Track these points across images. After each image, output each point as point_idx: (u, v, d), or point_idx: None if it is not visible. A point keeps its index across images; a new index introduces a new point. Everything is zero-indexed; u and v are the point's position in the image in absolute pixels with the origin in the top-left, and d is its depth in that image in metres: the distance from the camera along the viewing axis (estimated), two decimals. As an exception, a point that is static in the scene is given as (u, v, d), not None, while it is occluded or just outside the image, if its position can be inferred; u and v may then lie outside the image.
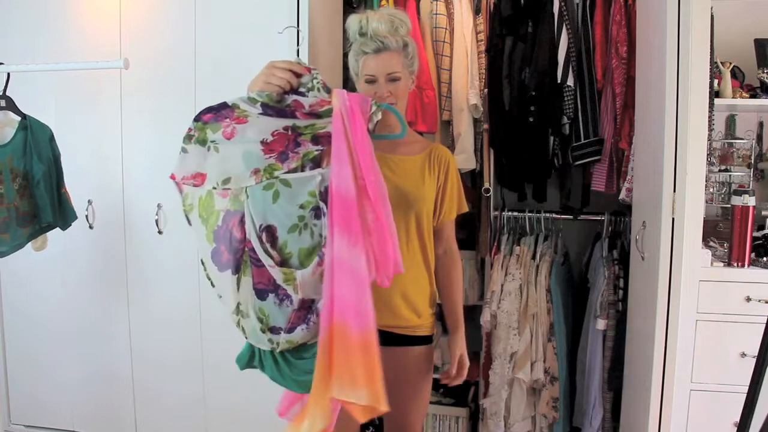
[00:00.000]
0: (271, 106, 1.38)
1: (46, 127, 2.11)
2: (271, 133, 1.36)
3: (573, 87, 2.53)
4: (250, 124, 1.36)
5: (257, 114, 1.37)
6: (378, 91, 1.63)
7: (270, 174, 1.34)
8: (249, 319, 1.41)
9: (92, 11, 2.41)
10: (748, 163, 2.54)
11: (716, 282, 1.99)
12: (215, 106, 1.37)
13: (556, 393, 2.48)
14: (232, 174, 1.35)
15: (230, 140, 1.35)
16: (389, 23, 1.62)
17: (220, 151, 1.35)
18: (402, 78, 1.65)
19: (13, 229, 1.99)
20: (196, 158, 1.36)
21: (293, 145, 1.36)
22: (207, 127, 1.36)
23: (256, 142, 1.35)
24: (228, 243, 1.36)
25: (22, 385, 2.67)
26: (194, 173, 1.36)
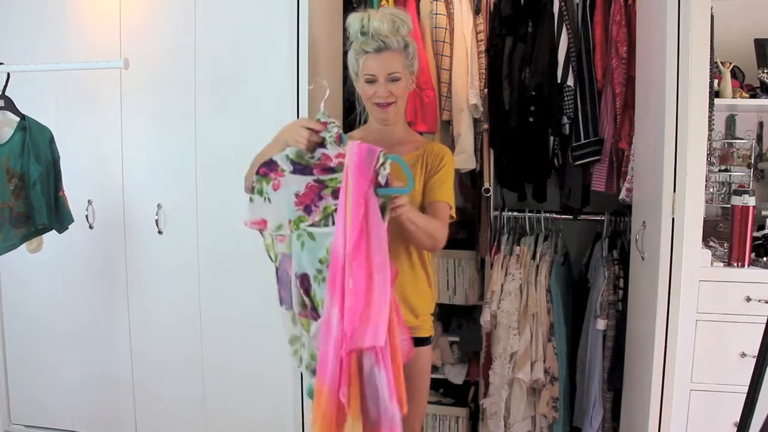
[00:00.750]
0: (296, 163, 1.53)
1: (46, 129, 2.10)
2: (306, 185, 1.52)
3: (573, 87, 2.53)
4: (287, 179, 1.52)
5: (289, 172, 1.52)
6: (378, 91, 1.63)
7: (297, 225, 1.51)
8: (306, 350, 1.59)
9: (92, 11, 2.41)
10: (748, 163, 2.54)
11: (716, 282, 1.99)
12: (267, 161, 1.54)
13: (556, 393, 2.48)
14: (282, 221, 1.53)
15: (277, 192, 1.52)
16: (391, 23, 1.61)
17: (272, 201, 1.54)
18: (402, 78, 1.64)
19: (6, 229, 1.99)
20: (259, 206, 1.54)
21: (317, 199, 1.51)
22: (263, 179, 1.53)
23: (292, 195, 1.52)
24: (284, 281, 1.57)
25: (22, 386, 2.66)
26: (259, 219, 1.55)
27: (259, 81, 2.27)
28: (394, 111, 1.67)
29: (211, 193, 2.35)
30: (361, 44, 1.63)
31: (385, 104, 1.64)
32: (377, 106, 1.65)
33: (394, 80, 1.63)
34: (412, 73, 1.70)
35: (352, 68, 1.69)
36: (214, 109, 2.33)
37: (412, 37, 1.71)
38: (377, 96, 1.63)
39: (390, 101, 1.64)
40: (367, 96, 1.65)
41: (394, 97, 1.64)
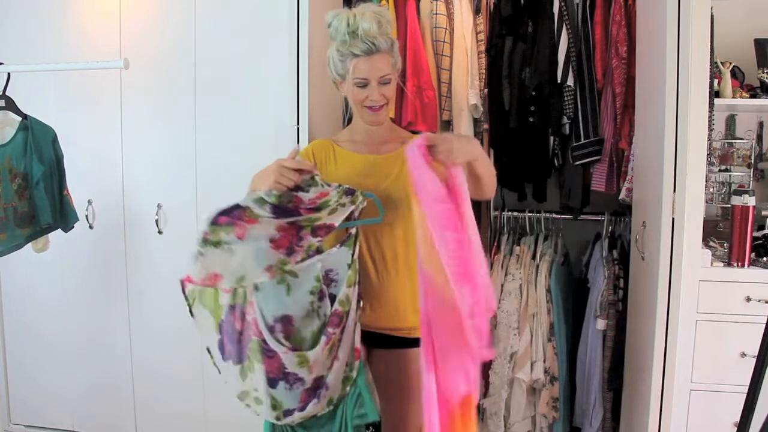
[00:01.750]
0: (278, 207, 1.45)
1: (49, 128, 2.10)
2: (276, 229, 1.45)
3: (573, 87, 2.53)
4: (260, 225, 1.43)
5: (268, 216, 1.44)
6: (371, 95, 1.58)
7: (281, 268, 1.44)
8: (262, 405, 1.49)
9: (92, 11, 2.41)
10: (748, 163, 2.54)
11: (716, 282, 1.99)
12: (228, 209, 1.42)
13: (556, 393, 2.48)
14: (247, 272, 1.43)
15: (242, 240, 1.42)
16: (377, 22, 1.56)
17: (234, 251, 1.42)
18: (392, 79, 1.61)
19: (10, 229, 1.99)
20: (212, 260, 1.42)
21: (297, 240, 1.47)
22: (221, 229, 1.41)
23: (265, 240, 1.44)
24: (230, 335, 1.45)
25: (22, 386, 2.66)
26: (210, 274, 1.43)
27: (259, 81, 2.27)
28: (385, 112, 1.65)
29: (211, 193, 2.34)
30: (349, 46, 1.56)
31: (378, 107, 1.62)
32: (369, 109, 1.61)
33: (385, 83, 1.59)
34: (398, 71, 1.66)
35: (336, 70, 1.62)
36: (214, 109, 2.33)
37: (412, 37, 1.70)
38: (370, 100, 1.59)
39: (382, 104, 1.62)
40: (359, 100, 1.61)
41: (386, 99, 1.61)
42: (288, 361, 1.45)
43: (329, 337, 1.47)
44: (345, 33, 1.56)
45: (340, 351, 1.51)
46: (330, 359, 1.50)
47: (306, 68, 2.15)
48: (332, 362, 1.50)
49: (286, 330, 1.46)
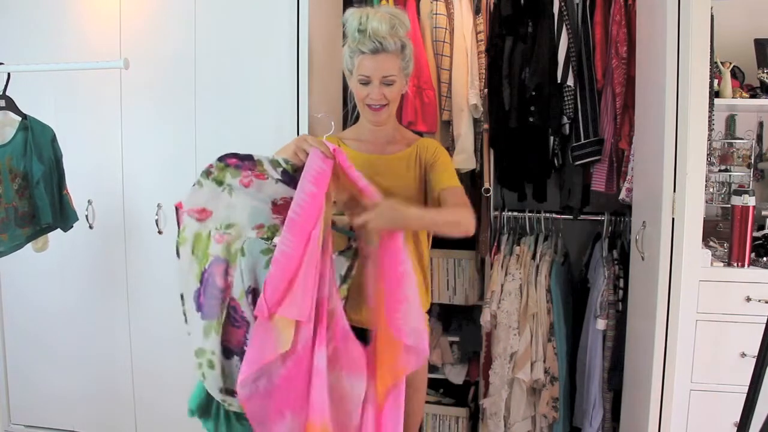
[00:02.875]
0: (290, 175, 1.41)
1: (48, 128, 2.10)
2: (281, 198, 1.41)
3: (573, 87, 2.53)
4: (268, 183, 1.40)
5: (276, 178, 1.41)
6: (371, 93, 1.60)
7: (272, 233, 1.40)
8: (214, 371, 1.42)
9: (92, 12, 2.41)
10: (748, 163, 2.54)
11: (716, 282, 1.99)
12: (241, 155, 1.40)
13: (556, 393, 2.48)
14: (238, 221, 1.39)
15: (246, 189, 1.39)
16: (389, 23, 1.58)
17: (233, 196, 1.39)
18: (397, 81, 1.61)
19: (11, 229, 1.99)
20: (208, 195, 1.39)
21: None
22: (228, 170, 1.39)
23: (267, 201, 1.41)
24: (209, 288, 1.39)
25: (22, 386, 2.66)
26: (201, 208, 1.39)
27: (259, 81, 2.27)
28: (386, 113, 1.65)
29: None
30: (357, 43, 1.59)
31: (378, 107, 1.63)
32: (369, 107, 1.63)
33: (389, 84, 1.60)
34: (408, 75, 1.67)
35: (346, 65, 1.66)
36: (214, 109, 2.33)
37: (410, 37, 1.70)
38: (370, 98, 1.61)
39: (383, 104, 1.62)
40: (360, 97, 1.63)
41: (387, 100, 1.62)
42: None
43: None
44: (356, 30, 1.59)
45: None
46: None
47: (306, 68, 2.15)
48: None
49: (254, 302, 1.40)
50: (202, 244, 1.40)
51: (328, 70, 2.38)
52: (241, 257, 1.39)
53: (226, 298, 1.40)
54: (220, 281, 1.39)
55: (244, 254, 1.40)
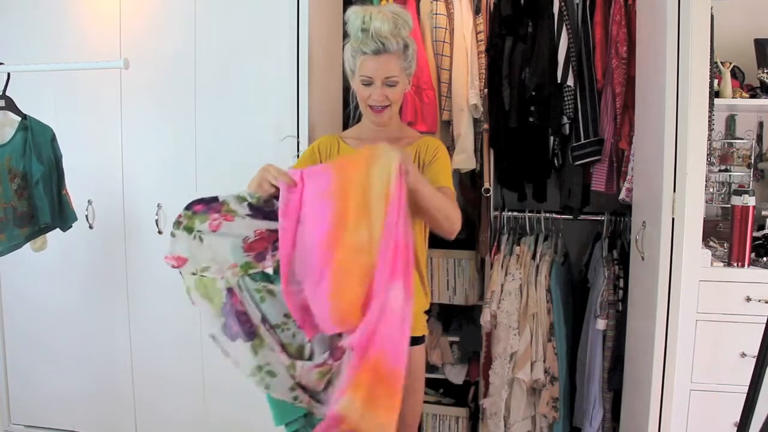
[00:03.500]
0: (257, 208, 1.45)
1: (48, 128, 2.10)
2: (255, 232, 1.45)
3: (573, 87, 2.53)
4: (236, 223, 1.44)
5: (244, 214, 1.44)
6: (373, 94, 1.60)
7: (245, 271, 1.45)
8: (278, 378, 1.47)
9: (92, 12, 2.41)
10: (748, 163, 2.54)
11: (716, 282, 1.99)
12: (207, 199, 1.44)
13: (556, 393, 2.48)
14: (213, 264, 1.44)
15: (215, 233, 1.43)
16: (392, 23, 1.56)
17: (204, 241, 1.43)
18: (399, 82, 1.61)
19: (9, 229, 1.99)
20: (184, 243, 1.44)
21: (272, 248, 1.45)
22: (196, 217, 1.43)
23: (239, 238, 1.44)
24: (234, 316, 1.45)
25: (22, 386, 2.66)
26: (176, 256, 1.44)
27: (259, 81, 2.27)
28: (389, 114, 1.65)
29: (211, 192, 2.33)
30: (360, 44, 1.58)
31: (380, 108, 1.62)
32: (372, 108, 1.63)
33: (391, 85, 1.59)
34: (410, 75, 1.66)
35: (348, 64, 1.65)
36: (214, 109, 2.33)
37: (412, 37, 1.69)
38: (372, 99, 1.60)
39: (385, 105, 1.62)
40: (362, 98, 1.63)
41: (389, 101, 1.61)
42: (282, 359, 1.46)
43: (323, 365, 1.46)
44: (358, 29, 1.57)
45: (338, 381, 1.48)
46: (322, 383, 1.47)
47: (306, 68, 2.15)
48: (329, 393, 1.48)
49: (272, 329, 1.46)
50: (208, 286, 1.45)
51: (328, 70, 2.38)
52: (242, 293, 1.46)
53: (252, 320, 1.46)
54: (239, 307, 1.45)
55: (243, 291, 1.46)
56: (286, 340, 1.49)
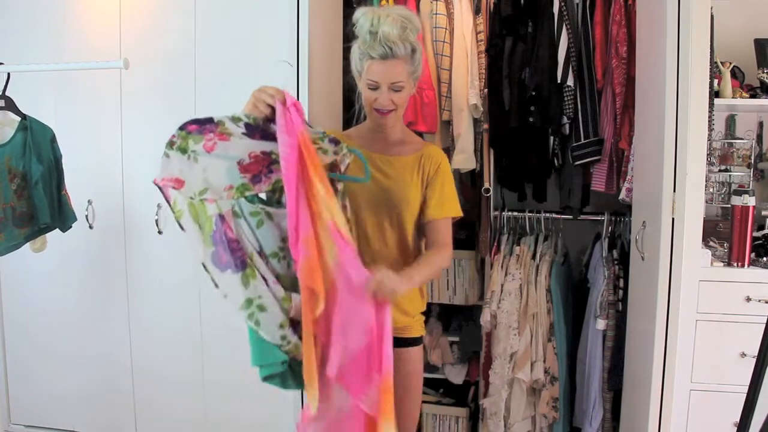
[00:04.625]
0: (254, 128, 1.43)
1: (48, 128, 2.10)
2: (249, 155, 1.43)
3: (573, 87, 2.53)
4: (232, 143, 1.42)
5: (240, 134, 1.42)
6: (379, 99, 1.59)
7: (241, 193, 1.42)
8: (268, 312, 1.44)
9: (92, 12, 2.41)
10: (748, 163, 2.54)
11: (716, 282, 1.99)
12: (201, 119, 1.41)
13: (556, 393, 2.48)
14: (209, 186, 1.41)
15: (210, 153, 1.41)
16: (401, 27, 1.54)
17: (199, 162, 1.40)
18: (405, 87, 1.60)
19: (9, 229, 1.99)
20: (177, 164, 1.41)
21: (267, 171, 1.44)
22: (190, 137, 1.40)
23: (233, 161, 1.42)
24: (224, 244, 1.41)
25: (22, 386, 2.66)
26: (174, 178, 1.41)
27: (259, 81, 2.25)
28: (394, 118, 1.64)
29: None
30: (368, 47, 1.56)
31: (386, 112, 1.62)
32: (377, 112, 1.62)
33: (397, 89, 1.59)
34: (416, 78, 1.65)
35: (355, 66, 1.64)
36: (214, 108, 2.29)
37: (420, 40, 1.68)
38: (378, 103, 1.60)
39: (391, 109, 1.62)
40: (368, 101, 1.62)
41: (395, 105, 1.61)
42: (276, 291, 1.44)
43: None
44: (367, 32, 1.56)
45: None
46: None
47: (306, 68, 2.15)
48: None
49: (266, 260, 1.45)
50: (198, 210, 1.42)
51: (328, 70, 2.38)
52: (237, 219, 1.43)
53: (245, 248, 1.43)
54: (231, 233, 1.42)
55: (239, 216, 1.43)
56: (281, 270, 1.47)
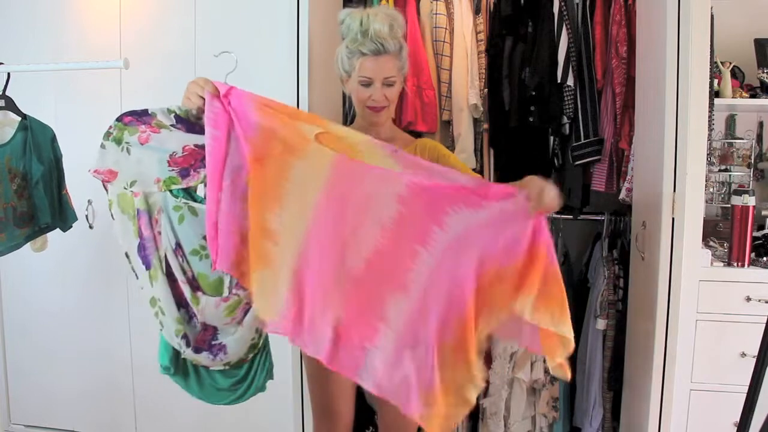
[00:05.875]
0: (182, 120, 1.43)
1: (48, 128, 2.10)
2: (183, 148, 1.43)
3: (573, 87, 2.53)
4: (163, 135, 1.43)
5: (170, 126, 1.43)
6: (373, 95, 1.60)
7: (168, 186, 1.43)
8: (167, 317, 1.47)
9: (92, 11, 2.41)
10: (748, 163, 2.54)
11: (716, 282, 1.99)
12: (138, 111, 1.43)
13: (556, 393, 2.48)
14: (139, 178, 1.43)
15: (143, 146, 1.42)
16: (389, 25, 1.58)
17: (132, 153, 1.43)
18: (397, 82, 1.62)
19: (9, 229, 1.98)
20: (113, 156, 1.44)
21: (198, 165, 1.43)
22: (126, 128, 1.43)
23: (165, 153, 1.43)
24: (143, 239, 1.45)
25: (23, 386, 2.66)
26: (107, 169, 1.44)
27: (259, 81, 2.26)
28: (387, 114, 1.66)
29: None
30: (359, 45, 1.58)
31: (379, 108, 1.63)
32: (370, 109, 1.63)
33: (390, 84, 1.61)
34: (404, 75, 1.68)
35: (343, 67, 1.65)
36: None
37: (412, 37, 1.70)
38: (372, 100, 1.61)
39: (384, 105, 1.62)
40: (361, 99, 1.63)
41: (388, 101, 1.62)
42: (185, 291, 1.45)
43: (230, 298, 1.45)
44: (357, 31, 1.59)
45: (247, 317, 1.48)
46: (230, 320, 1.47)
47: (306, 68, 2.15)
48: (235, 326, 1.48)
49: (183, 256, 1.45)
50: (128, 202, 1.44)
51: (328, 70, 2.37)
52: (160, 213, 1.44)
53: (159, 247, 1.45)
54: (146, 231, 1.44)
55: (163, 210, 1.44)
56: (202, 270, 1.46)
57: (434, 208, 1.31)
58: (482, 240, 1.29)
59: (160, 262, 1.44)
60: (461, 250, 1.30)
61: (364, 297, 1.35)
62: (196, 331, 1.48)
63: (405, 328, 1.33)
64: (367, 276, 1.34)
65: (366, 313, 1.35)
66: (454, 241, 1.30)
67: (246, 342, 1.51)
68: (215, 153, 1.36)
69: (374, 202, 1.34)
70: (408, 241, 1.32)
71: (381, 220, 1.34)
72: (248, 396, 1.59)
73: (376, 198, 1.34)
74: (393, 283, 1.33)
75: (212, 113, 1.37)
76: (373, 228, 1.34)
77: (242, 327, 1.49)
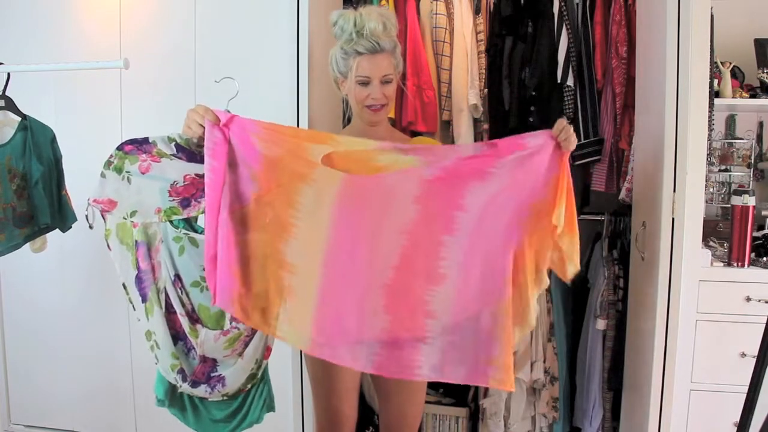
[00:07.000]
0: (183, 149, 1.42)
1: (48, 129, 2.10)
2: (184, 177, 1.42)
3: (573, 87, 2.53)
4: (164, 165, 1.42)
5: (171, 155, 1.42)
6: (372, 93, 1.60)
7: (169, 216, 1.41)
8: (162, 351, 1.46)
9: (92, 11, 2.41)
10: (748, 163, 2.54)
11: (716, 282, 1.99)
12: (138, 140, 1.43)
13: (556, 393, 2.48)
14: (139, 208, 1.42)
15: (144, 175, 1.41)
16: (383, 24, 1.58)
17: (133, 183, 1.42)
18: (393, 80, 1.62)
19: (9, 229, 1.98)
20: (113, 184, 1.43)
21: (199, 195, 1.41)
22: (126, 157, 1.42)
23: (167, 183, 1.42)
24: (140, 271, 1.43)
25: (23, 386, 2.66)
26: (107, 199, 1.43)
27: (258, 81, 2.27)
28: (385, 113, 1.66)
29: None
30: (354, 45, 1.58)
31: (378, 107, 1.62)
32: (369, 108, 1.63)
33: (387, 82, 1.60)
34: (399, 72, 1.68)
35: (338, 69, 1.64)
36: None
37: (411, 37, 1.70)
38: (371, 99, 1.60)
39: (382, 104, 1.62)
40: (360, 98, 1.62)
41: (387, 99, 1.62)
42: (184, 324, 1.43)
43: (230, 331, 1.43)
44: (351, 32, 1.58)
45: (248, 349, 1.47)
46: (230, 352, 1.45)
47: (306, 68, 2.15)
48: (235, 358, 1.46)
49: (182, 287, 1.44)
50: (127, 232, 1.43)
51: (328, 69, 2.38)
52: (160, 244, 1.43)
53: (156, 279, 1.43)
54: (144, 264, 1.43)
55: (163, 241, 1.43)
56: (203, 301, 1.44)
57: (451, 194, 1.32)
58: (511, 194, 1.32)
59: (156, 296, 1.43)
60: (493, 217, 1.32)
61: (402, 301, 1.36)
62: (194, 364, 1.47)
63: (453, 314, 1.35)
64: (399, 282, 1.35)
65: (409, 317, 1.35)
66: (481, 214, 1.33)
67: (245, 372, 1.50)
68: (213, 185, 1.35)
69: (390, 213, 1.35)
70: (433, 235, 1.34)
71: (401, 227, 1.34)
72: (243, 428, 1.57)
73: (390, 208, 1.35)
74: (428, 279, 1.34)
75: (212, 143, 1.35)
76: (394, 236, 1.35)
77: (242, 359, 1.48)
